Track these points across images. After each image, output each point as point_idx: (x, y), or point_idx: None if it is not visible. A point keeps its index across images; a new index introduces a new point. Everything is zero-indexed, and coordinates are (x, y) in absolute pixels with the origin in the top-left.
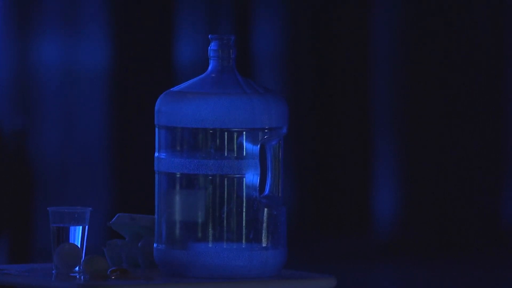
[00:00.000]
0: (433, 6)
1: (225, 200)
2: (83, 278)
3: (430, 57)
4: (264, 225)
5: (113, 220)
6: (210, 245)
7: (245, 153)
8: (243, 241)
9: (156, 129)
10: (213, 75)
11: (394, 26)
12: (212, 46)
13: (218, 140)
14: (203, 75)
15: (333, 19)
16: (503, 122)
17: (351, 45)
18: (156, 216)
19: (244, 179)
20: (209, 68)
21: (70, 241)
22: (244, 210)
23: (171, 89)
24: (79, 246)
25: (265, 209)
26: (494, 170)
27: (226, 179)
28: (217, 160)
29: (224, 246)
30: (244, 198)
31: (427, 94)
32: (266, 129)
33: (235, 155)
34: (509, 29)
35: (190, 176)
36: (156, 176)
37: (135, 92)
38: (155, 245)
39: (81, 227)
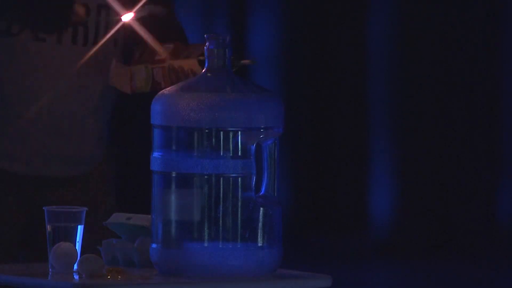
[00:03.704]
0: (430, 7)
1: (221, 199)
2: (78, 277)
3: (427, 58)
4: (260, 224)
5: (109, 219)
6: (206, 244)
7: (241, 153)
8: (239, 240)
9: (152, 129)
10: (209, 74)
11: (391, 25)
12: (208, 45)
13: (213, 140)
14: (199, 74)
15: (329, 19)
16: (499, 122)
17: (347, 46)
18: (152, 215)
19: (239, 178)
20: (205, 67)
21: (66, 241)
22: (239, 209)
23: (167, 88)
24: (75, 245)
25: (261, 209)
26: (490, 170)
27: (221, 178)
28: (212, 160)
29: (220, 246)
30: (239, 197)
31: (423, 95)
32: (262, 128)
33: (231, 155)
34: (507, 29)
35: (186, 176)
36: (152, 175)
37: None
38: (151, 244)
39: (77, 226)
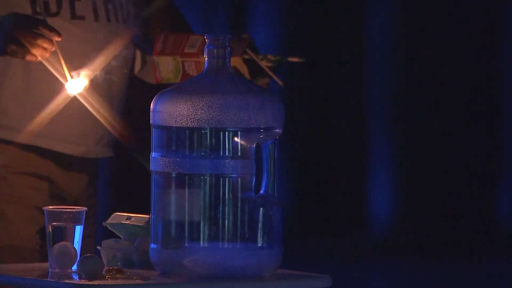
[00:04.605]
0: (430, 5)
1: (221, 199)
2: (78, 277)
3: (427, 57)
4: (260, 224)
5: (109, 219)
6: (205, 244)
7: (240, 153)
8: (239, 240)
9: (152, 129)
10: (209, 74)
11: (391, 24)
12: (208, 45)
13: (213, 140)
14: (199, 74)
15: (329, 18)
16: (499, 122)
17: (347, 46)
18: (152, 215)
19: (239, 179)
20: (205, 67)
21: (66, 241)
22: (239, 209)
23: (167, 88)
24: (74, 246)
25: (261, 209)
26: (490, 170)
27: (221, 178)
28: (212, 160)
29: (220, 246)
30: (239, 197)
31: (422, 94)
32: (262, 128)
33: (231, 155)
34: (508, 27)
35: (186, 176)
36: (152, 175)
37: (132, 91)
38: (150, 244)
39: (77, 227)
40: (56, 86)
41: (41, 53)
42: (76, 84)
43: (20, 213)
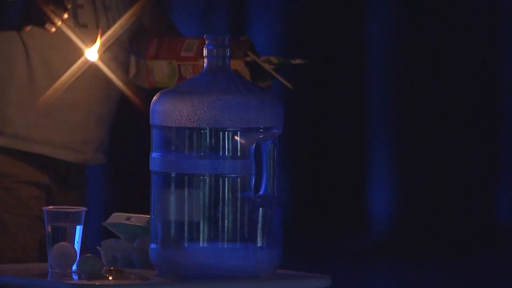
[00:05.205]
0: (430, 7)
1: (220, 200)
2: (78, 278)
3: (425, 58)
4: (259, 224)
5: (109, 219)
6: (205, 245)
7: (240, 153)
8: (238, 241)
9: (151, 129)
10: (209, 74)
11: (390, 24)
12: (208, 45)
13: (213, 140)
14: (198, 74)
15: (329, 18)
16: (499, 122)
17: (346, 45)
18: (151, 215)
19: (239, 179)
20: (204, 67)
21: (65, 241)
22: (239, 210)
23: (167, 88)
24: (74, 246)
25: (260, 209)
26: (490, 170)
27: (221, 178)
28: (212, 160)
29: (219, 246)
30: (239, 198)
31: (422, 94)
32: (261, 129)
33: (230, 155)
34: (507, 28)
35: (185, 176)
36: (152, 176)
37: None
38: (150, 245)
39: (77, 227)
40: (60, 93)
41: (57, 21)
42: (92, 50)
43: (23, 224)
